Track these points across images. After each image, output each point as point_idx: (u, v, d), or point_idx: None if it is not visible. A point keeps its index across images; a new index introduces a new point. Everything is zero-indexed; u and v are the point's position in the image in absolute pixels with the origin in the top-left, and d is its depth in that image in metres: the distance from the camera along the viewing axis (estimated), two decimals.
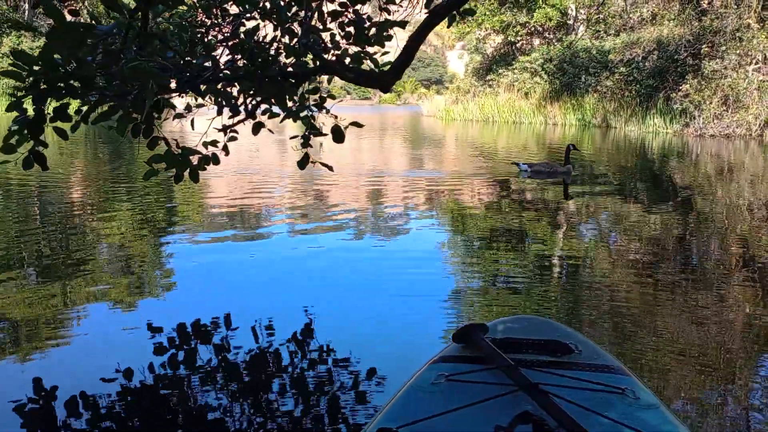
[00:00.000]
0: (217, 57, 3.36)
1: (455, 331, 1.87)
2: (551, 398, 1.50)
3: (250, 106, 3.62)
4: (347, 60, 3.55)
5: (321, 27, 3.51)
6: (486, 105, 29.38)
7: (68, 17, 2.62)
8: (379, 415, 1.57)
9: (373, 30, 3.48)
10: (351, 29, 3.47)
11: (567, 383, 1.60)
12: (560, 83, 26.83)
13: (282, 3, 3.39)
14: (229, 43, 3.46)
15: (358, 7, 3.49)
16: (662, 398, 1.87)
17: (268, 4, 3.41)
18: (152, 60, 2.57)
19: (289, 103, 3.61)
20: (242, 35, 3.44)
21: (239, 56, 3.44)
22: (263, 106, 3.68)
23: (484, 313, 3.85)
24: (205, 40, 3.51)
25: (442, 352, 1.85)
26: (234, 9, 3.56)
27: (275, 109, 3.65)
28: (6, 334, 3.42)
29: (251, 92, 3.49)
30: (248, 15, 3.49)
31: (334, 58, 3.52)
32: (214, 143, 3.50)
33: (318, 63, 3.31)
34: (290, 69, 3.36)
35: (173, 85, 3.04)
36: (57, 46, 2.17)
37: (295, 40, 3.36)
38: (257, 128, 3.60)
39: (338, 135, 3.37)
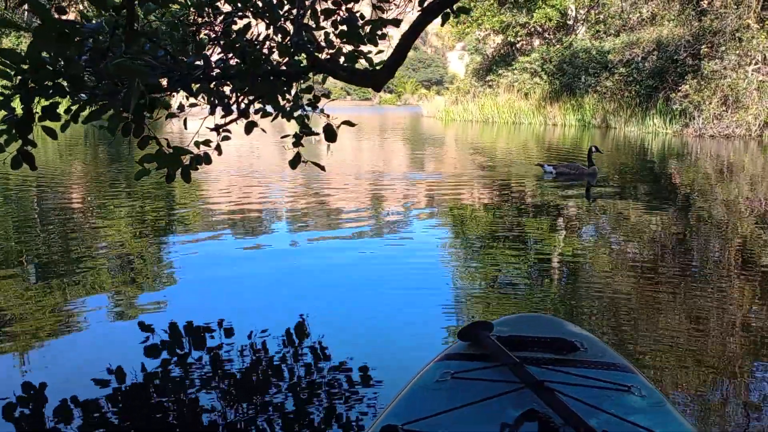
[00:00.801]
0: (209, 55, 3.31)
1: (460, 329, 1.86)
2: (557, 396, 1.49)
3: (242, 105, 3.57)
4: (341, 59, 3.51)
5: (314, 25, 3.47)
6: (486, 105, 29.41)
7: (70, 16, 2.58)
8: (384, 413, 1.56)
9: (367, 29, 3.44)
10: (344, 27, 3.42)
11: (573, 381, 1.59)
12: (560, 84, 26.85)
13: (274, 1, 3.34)
14: (221, 42, 3.41)
15: (351, 5, 3.45)
16: (667, 396, 1.83)
17: (260, 2, 3.37)
18: (140, 58, 2.52)
19: (282, 102, 3.56)
20: (234, 33, 3.39)
21: (231, 55, 3.39)
22: (256, 105, 3.64)
23: (489, 311, 3.81)
24: (197, 38, 3.46)
25: (448, 349, 1.84)
26: (226, 7, 3.52)
27: (269, 108, 3.61)
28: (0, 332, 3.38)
29: (244, 91, 3.45)
30: (240, 13, 3.44)
31: (328, 56, 3.47)
32: (207, 143, 3.46)
33: (310, 61, 3.27)
34: (283, 68, 3.32)
35: (165, 83, 3.00)
36: (43, 44, 2.13)
37: (288, 38, 3.31)
38: (250, 127, 3.56)
39: (330, 134, 3.32)
